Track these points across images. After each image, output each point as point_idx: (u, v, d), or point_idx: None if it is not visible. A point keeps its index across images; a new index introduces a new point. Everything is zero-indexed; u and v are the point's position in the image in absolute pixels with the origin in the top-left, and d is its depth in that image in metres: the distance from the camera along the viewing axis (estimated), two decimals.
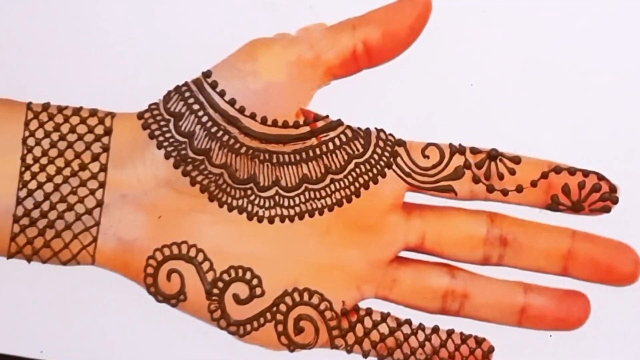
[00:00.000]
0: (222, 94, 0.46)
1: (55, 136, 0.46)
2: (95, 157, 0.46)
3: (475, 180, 0.47)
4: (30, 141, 0.46)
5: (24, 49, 0.49)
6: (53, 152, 0.46)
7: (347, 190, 0.47)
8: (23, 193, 0.46)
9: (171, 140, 0.46)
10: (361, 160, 0.47)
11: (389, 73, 0.48)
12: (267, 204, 0.47)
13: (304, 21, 0.48)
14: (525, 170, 0.47)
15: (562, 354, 0.48)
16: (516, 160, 0.47)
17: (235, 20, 0.48)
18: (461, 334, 0.48)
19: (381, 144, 0.47)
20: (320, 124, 0.47)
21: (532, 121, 0.48)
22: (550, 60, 0.48)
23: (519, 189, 0.47)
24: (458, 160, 0.47)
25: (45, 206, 0.46)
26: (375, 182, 0.47)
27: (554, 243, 0.47)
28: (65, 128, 0.46)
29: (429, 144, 0.47)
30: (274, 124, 0.46)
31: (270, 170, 0.47)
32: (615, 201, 0.47)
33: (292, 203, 0.47)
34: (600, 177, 0.47)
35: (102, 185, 0.46)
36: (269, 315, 0.47)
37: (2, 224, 0.46)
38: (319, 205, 0.47)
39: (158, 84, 0.47)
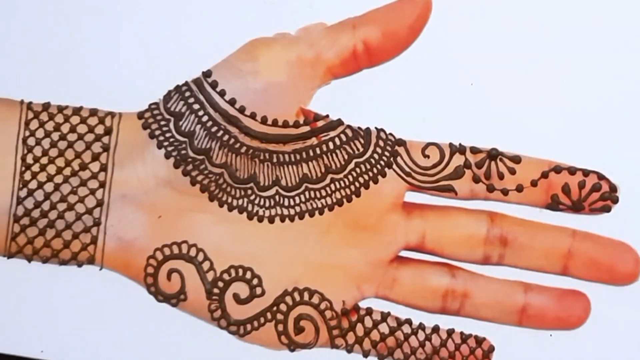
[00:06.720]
0: (222, 93, 0.46)
1: (55, 136, 0.46)
2: (95, 157, 0.46)
3: (476, 179, 0.47)
4: (31, 141, 0.46)
5: (24, 49, 0.49)
6: (53, 152, 0.46)
7: (348, 190, 0.47)
8: (23, 193, 0.46)
9: (171, 139, 0.46)
10: (361, 159, 0.47)
11: (389, 73, 0.48)
12: (267, 204, 0.47)
13: (304, 21, 0.48)
14: (526, 169, 0.47)
15: (562, 354, 0.48)
16: (516, 159, 0.47)
17: (235, 20, 0.49)
18: (461, 333, 0.48)
19: (381, 143, 0.47)
20: (320, 123, 0.47)
21: (532, 121, 0.48)
22: (550, 59, 0.48)
23: (519, 189, 0.47)
24: (458, 160, 0.47)
25: (46, 206, 0.46)
26: (376, 182, 0.47)
27: (554, 243, 0.47)
28: (65, 128, 0.46)
29: (429, 144, 0.47)
30: (274, 123, 0.46)
31: (270, 170, 0.47)
32: (615, 201, 0.47)
33: (292, 203, 0.47)
34: (601, 177, 0.47)
35: (102, 185, 0.46)
36: (269, 315, 0.47)
37: (2, 224, 0.46)
38: (319, 205, 0.47)
39: (158, 84, 0.47)
